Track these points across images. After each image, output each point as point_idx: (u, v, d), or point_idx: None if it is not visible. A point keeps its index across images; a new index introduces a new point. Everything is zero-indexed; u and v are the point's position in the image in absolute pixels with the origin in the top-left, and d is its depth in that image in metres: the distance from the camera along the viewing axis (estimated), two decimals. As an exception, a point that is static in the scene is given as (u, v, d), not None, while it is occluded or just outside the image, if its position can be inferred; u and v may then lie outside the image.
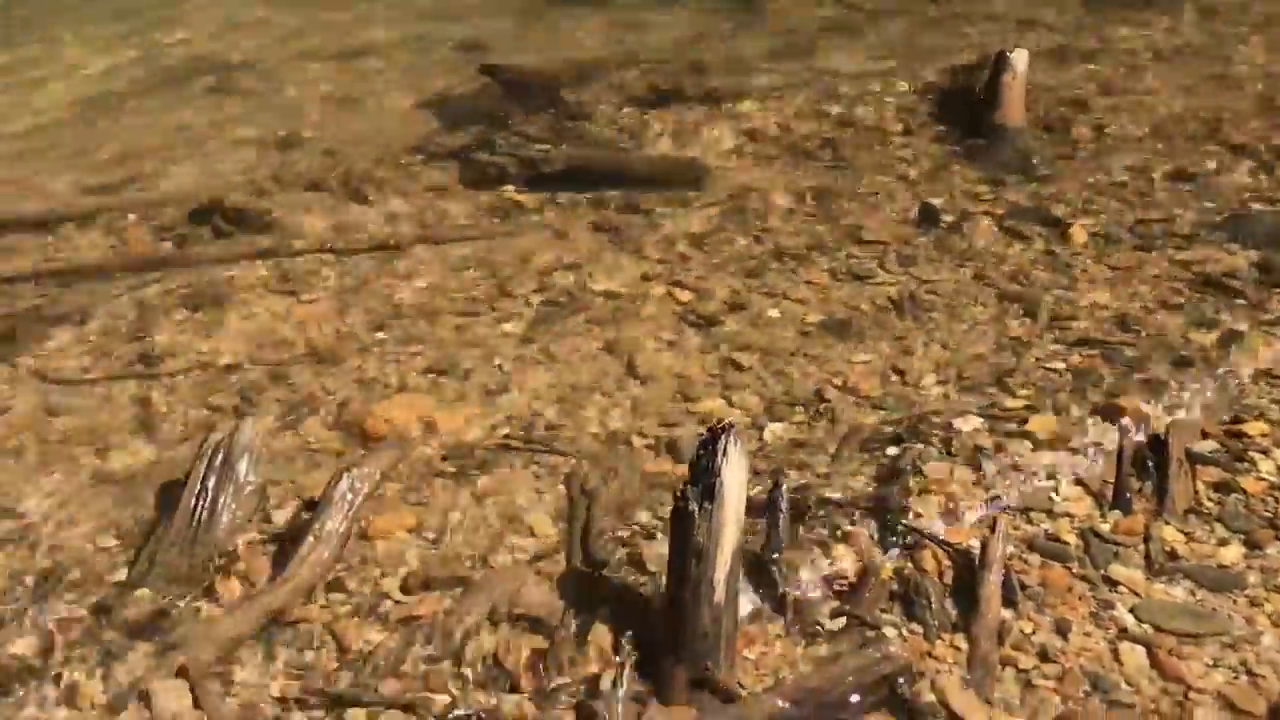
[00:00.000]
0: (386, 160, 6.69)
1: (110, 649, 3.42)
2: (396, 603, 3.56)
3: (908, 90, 7.26)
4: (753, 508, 3.37)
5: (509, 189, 6.28)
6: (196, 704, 3.23)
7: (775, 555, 3.61)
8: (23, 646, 3.47)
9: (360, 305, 5.25)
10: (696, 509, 3.14)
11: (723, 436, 3.18)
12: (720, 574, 3.17)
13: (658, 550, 3.70)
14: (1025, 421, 4.20)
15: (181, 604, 3.56)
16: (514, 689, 3.24)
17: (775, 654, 3.35)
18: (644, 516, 3.89)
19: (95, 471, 4.22)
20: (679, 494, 3.19)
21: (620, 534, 3.80)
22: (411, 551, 3.75)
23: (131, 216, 6.12)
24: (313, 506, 3.88)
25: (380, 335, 5.02)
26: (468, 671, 3.30)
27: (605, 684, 3.18)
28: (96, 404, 4.62)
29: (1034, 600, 3.48)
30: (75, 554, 3.81)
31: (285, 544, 3.79)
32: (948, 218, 5.77)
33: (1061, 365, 4.55)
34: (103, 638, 3.46)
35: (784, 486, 3.75)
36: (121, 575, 3.71)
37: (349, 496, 3.76)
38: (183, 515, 3.78)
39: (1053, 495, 3.88)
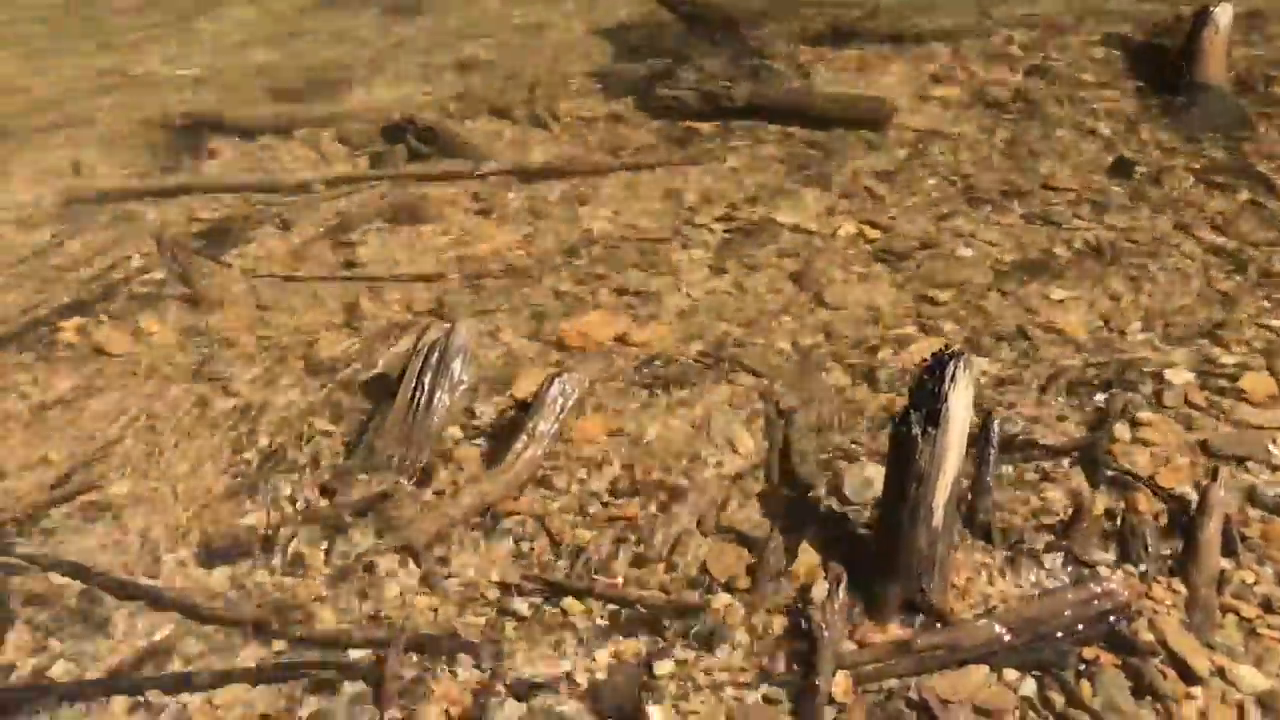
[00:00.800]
0: (567, 87, 6.74)
1: (334, 525, 3.58)
2: (604, 504, 3.64)
3: (1100, 43, 7.02)
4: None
5: (690, 121, 6.28)
6: (421, 580, 3.36)
7: (984, 488, 3.58)
8: (252, 518, 3.65)
9: (549, 227, 5.33)
10: (919, 433, 3.13)
11: (951, 362, 3.17)
12: (940, 499, 3.17)
13: (859, 473, 3.72)
14: (1238, 378, 4.08)
15: (399, 489, 3.70)
16: (726, 590, 3.29)
17: (983, 584, 3.35)
18: (843, 439, 3.89)
19: (307, 363, 4.39)
20: (900, 418, 3.19)
21: (820, 456, 3.81)
22: (616, 457, 3.83)
23: (326, 132, 6.29)
24: (520, 408, 3.99)
25: (569, 256, 5.10)
26: (677, 574, 3.37)
27: (818, 594, 3.21)
28: (304, 302, 4.79)
29: (1254, 552, 3.39)
30: (294, 436, 3.99)
31: (493, 441, 3.91)
32: (1143, 169, 5.60)
33: (1276, 322, 4.40)
34: (326, 514, 3.62)
35: (995, 420, 3.72)
36: (340, 460, 3.87)
37: (560, 400, 3.85)
38: (399, 407, 3.92)
39: (1270, 448, 3.77)
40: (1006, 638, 3.10)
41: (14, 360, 4.44)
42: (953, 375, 3.15)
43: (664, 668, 3.05)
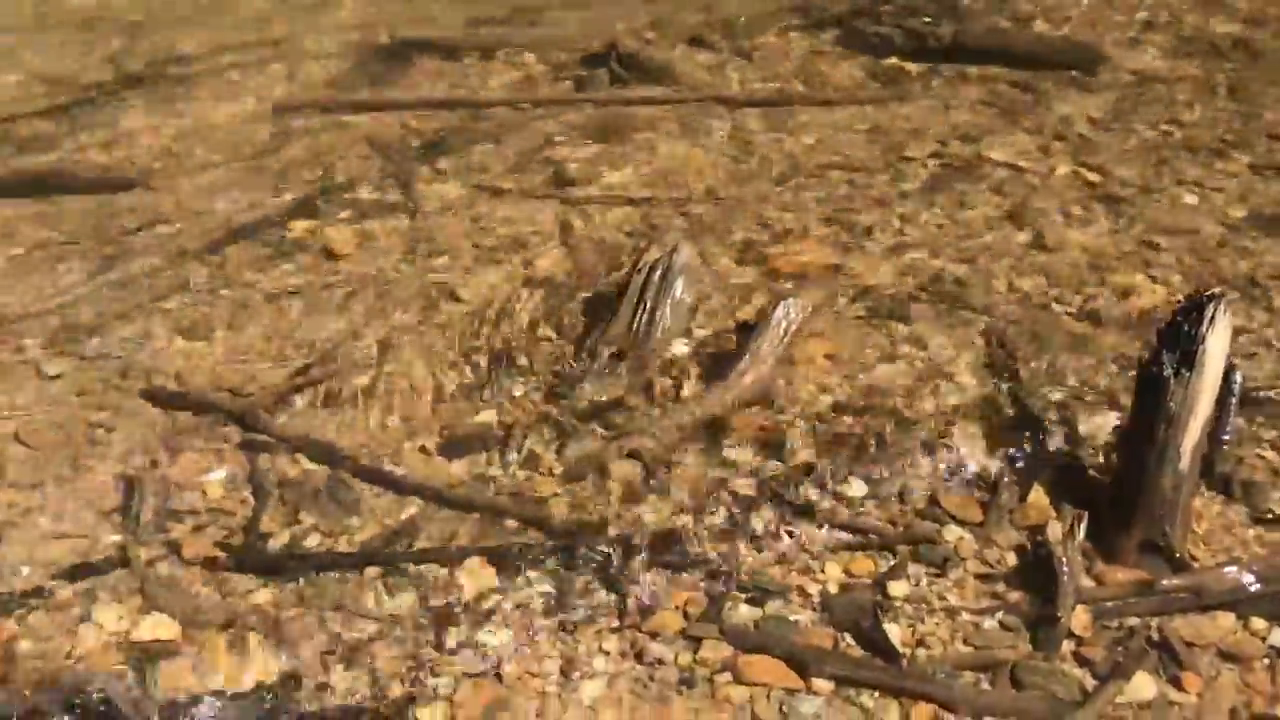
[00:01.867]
0: (767, 19, 6.68)
1: (564, 428, 3.68)
2: (828, 428, 3.65)
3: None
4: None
5: (894, 59, 6.17)
6: (650, 486, 3.44)
7: (1224, 437, 3.49)
8: (484, 416, 3.78)
9: (756, 156, 5.32)
10: (1172, 375, 3.06)
11: (1210, 304, 3.09)
12: (1189, 442, 3.09)
13: (1088, 416, 3.66)
14: None
15: (624, 399, 3.78)
16: (957, 523, 3.29)
17: (1222, 532, 3.27)
18: (1071, 382, 3.83)
19: (525, 274, 4.50)
20: (1150, 359, 3.12)
21: (1048, 397, 3.75)
22: (837, 382, 3.84)
23: (529, 55, 6.38)
24: (738, 330, 4.03)
25: (777, 185, 5.09)
26: (906, 504, 3.37)
27: (1053, 532, 3.18)
28: (518, 216, 4.89)
29: None
30: (520, 342, 4.10)
31: (712, 361, 3.95)
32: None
33: None
34: (556, 418, 3.72)
35: (1238, 369, 3.61)
36: (564, 367, 3.97)
37: (784, 323, 3.87)
38: (621, 321, 4.00)
39: None
40: (1254, 586, 3.03)
41: (249, 254, 4.65)
42: (1211, 317, 3.08)
43: (898, 589, 3.07)
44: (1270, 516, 3.29)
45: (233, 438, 3.71)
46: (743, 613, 3.01)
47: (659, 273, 4.07)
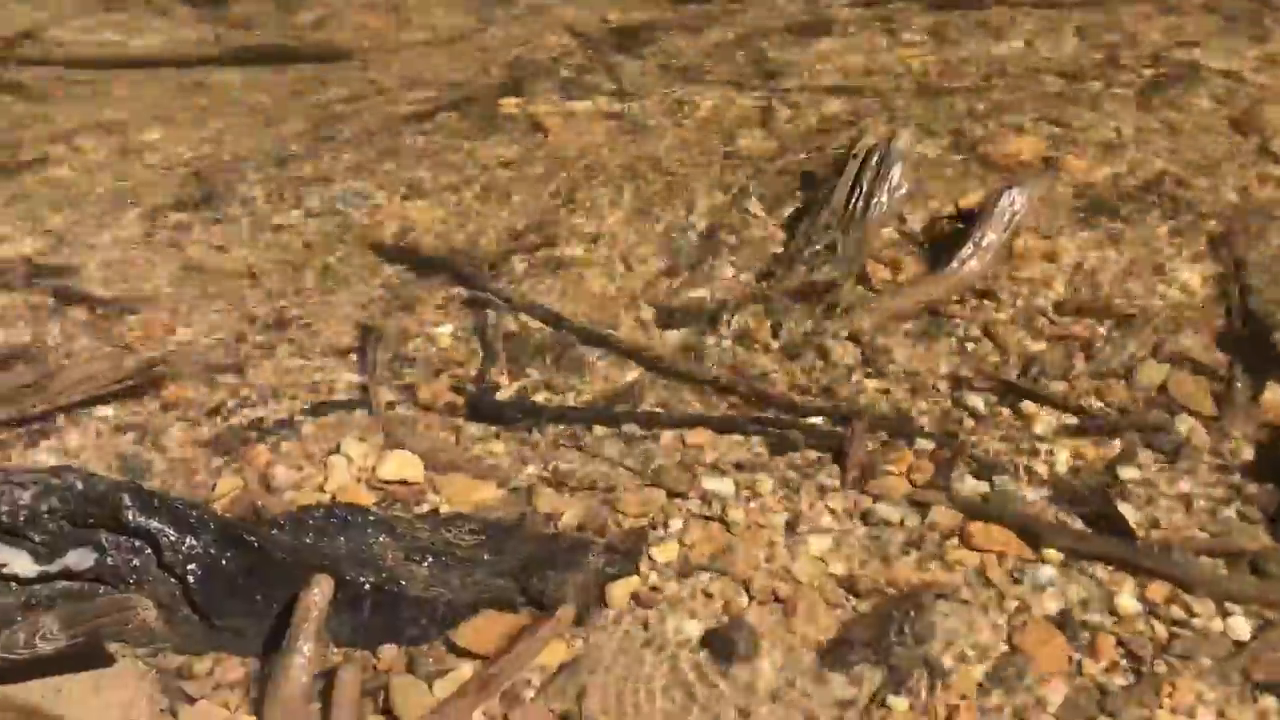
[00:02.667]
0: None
1: (778, 307, 3.71)
2: (1051, 321, 3.62)
3: None
4: None
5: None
6: (869, 366, 3.47)
7: None
8: (699, 290, 3.84)
9: (963, 52, 5.22)
10: None
11: None
12: None
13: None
14: None
15: (841, 280, 3.80)
16: (1190, 414, 3.24)
17: None
18: (1303, 288, 3.71)
19: (739, 156, 4.52)
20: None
21: (1275, 294, 3.64)
22: (1059, 277, 3.78)
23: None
24: (955, 220, 3.99)
25: (986, 81, 4.99)
26: (1136, 394, 3.33)
27: (1291, 431, 3.11)
28: (720, 102, 4.91)
29: None
30: (731, 223, 4.14)
31: (926, 249, 3.93)
32: None
33: None
34: (769, 297, 3.76)
35: None
36: (777, 249, 4.00)
37: (1007, 214, 3.82)
38: (836, 205, 3.99)
39: None
40: None
41: (461, 126, 4.77)
42: None
43: (1129, 473, 3.04)
44: None
45: (458, 295, 3.84)
46: (970, 484, 3.03)
47: (876, 157, 4.04)
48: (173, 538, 2.67)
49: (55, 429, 3.28)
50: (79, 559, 2.66)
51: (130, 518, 2.66)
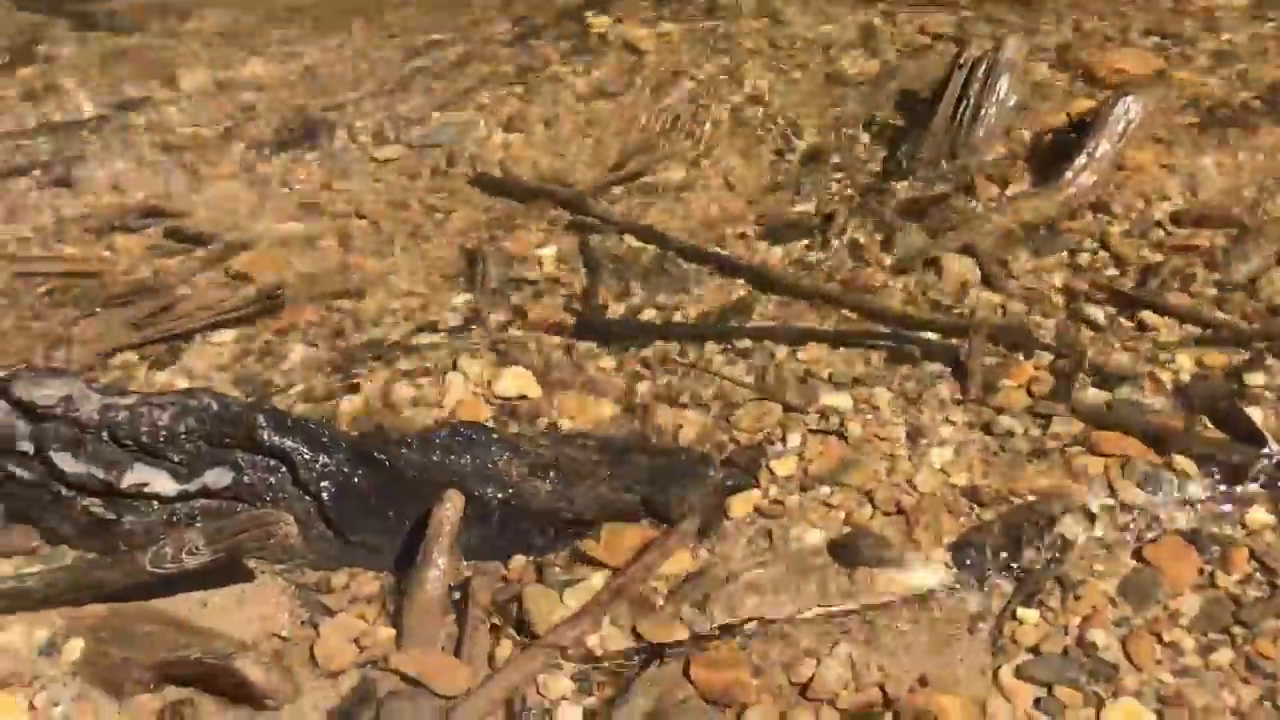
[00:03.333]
0: None
1: (888, 222, 3.67)
2: (1167, 232, 3.53)
3: None
4: None
5: None
6: (984, 280, 3.42)
7: None
8: (804, 207, 3.81)
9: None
10: None
11: None
12: None
13: None
14: None
15: (951, 194, 3.74)
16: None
17: None
18: None
19: (829, 75, 4.45)
20: None
21: None
22: (1173, 188, 3.69)
23: None
24: (1061, 131, 3.90)
25: (1089, -8, 4.84)
26: (1258, 303, 3.24)
27: None
28: (816, 18, 4.82)
29: None
30: (831, 139, 4.09)
31: (1036, 161, 3.85)
32: None
33: None
34: (878, 211, 3.71)
35: None
36: (878, 166, 3.94)
37: (1121, 123, 3.71)
38: (942, 119, 3.92)
39: None
40: None
41: (555, 48, 4.75)
42: None
43: (1255, 379, 2.97)
44: None
45: (561, 219, 3.85)
46: (1091, 394, 2.99)
47: (983, 68, 3.95)
48: (307, 456, 2.74)
49: (180, 353, 3.36)
50: (217, 477, 2.74)
51: (265, 437, 2.74)
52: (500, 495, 2.74)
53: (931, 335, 3.22)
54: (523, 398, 3.14)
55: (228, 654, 2.42)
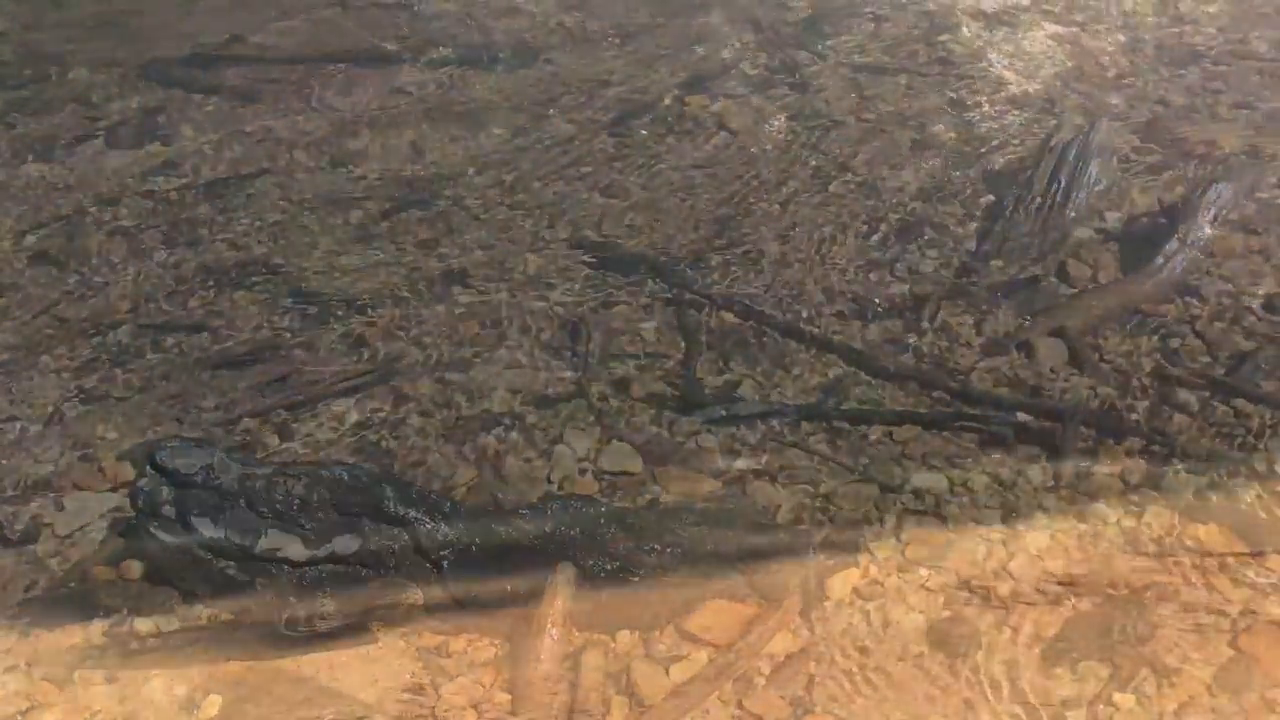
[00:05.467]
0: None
1: (978, 303, 3.77)
2: (1258, 319, 3.59)
3: None
4: None
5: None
6: (1076, 363, 3.50)
7: None
8: (896, 288, 3.91)
9: (1148, 37, 5.14)
10: None
11: None
12: None
13: None
14: None
15: (1041, 277, 3.83)
16: None
17: None
18: None
19: (915, 148, 4.57)
20: None
21: None
22: (1268, 273, 3.74)
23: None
24: (1154, 216, 3.97)
25: (1175, 68, 4.91)
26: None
27: None
28: (902, 93, 4.95)
29: None
30: (924, 215, 4.20)
31: (1125, 246, 3.92)
32: None
33: None
34: (970, 292, 3.81)
35: None
36: (971, 245, 4.04)
37: (1214, 208, 3.78)
38: (1033, 201, 4.01)
39: None
40: None
41: (651, 128, 4.92)
42: None
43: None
44: None
45: (659, 291, 4.00)
46: (1185, 481, 3.05)
47: (1073, 152, 4.04)
48: (428, 526, 2.91)
49: (302, 420, 3.55)
50: (344, 544, 2.92)
51: (391, 507, 2.91)
52: (609, 567, 2.88)
53: (1025, 418, 3.31)
54: (626, 472, 3.28)
55: (359, 717, 2.58)
